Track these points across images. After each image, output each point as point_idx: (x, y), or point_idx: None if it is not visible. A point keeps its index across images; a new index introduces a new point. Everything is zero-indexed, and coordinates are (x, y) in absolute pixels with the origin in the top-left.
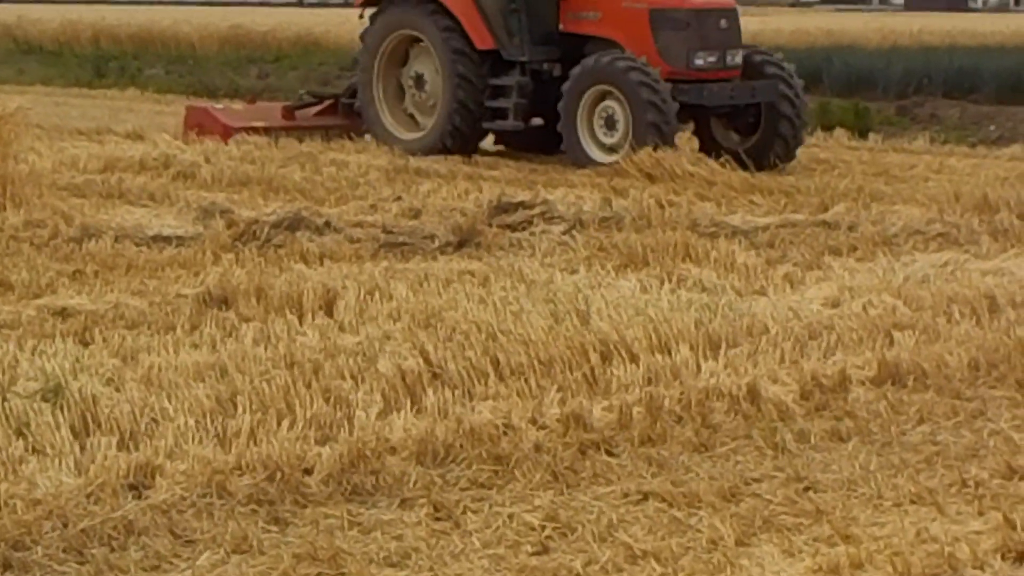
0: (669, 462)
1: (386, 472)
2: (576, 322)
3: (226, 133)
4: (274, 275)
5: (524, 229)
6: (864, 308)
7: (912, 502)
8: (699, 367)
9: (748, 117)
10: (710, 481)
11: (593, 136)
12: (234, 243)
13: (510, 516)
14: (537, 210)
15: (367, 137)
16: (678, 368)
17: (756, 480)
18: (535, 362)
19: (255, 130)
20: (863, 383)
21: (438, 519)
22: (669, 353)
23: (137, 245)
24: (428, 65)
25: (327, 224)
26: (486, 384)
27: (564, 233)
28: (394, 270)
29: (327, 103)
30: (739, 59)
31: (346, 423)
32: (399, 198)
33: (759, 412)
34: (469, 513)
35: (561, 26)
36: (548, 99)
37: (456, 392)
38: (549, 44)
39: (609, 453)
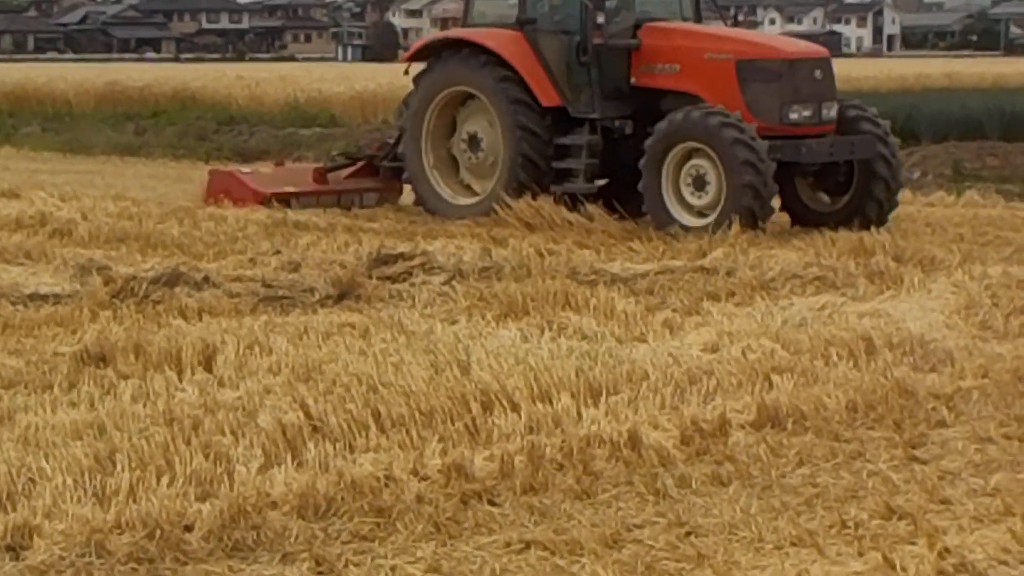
0: (551, 510)
1: (267, 527)
2: (457, 372)
3: (256, 200)
4: (152, 331)
5: (404, 280)
6: (743, 352)
7: (793, 544)
8: (580, 415)
9: (838, 176)
10: (592, 528)
11: (679, 197)
12: (112, 300)
13: (392, 568)
14: (417, 261)
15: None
16: (559, 416)
17: (638, 526)
18: (416, 413)
19: (287, 195)
20: (743, 427)
21: (320, 573)
22: (550, 401)
23: (13, 304)
24: (483, 123)
25: (206, 279)
26: (367, 436)
27: (444, 284)
28: (274, 324)
29: (359, 164)
30: (834, 112)
31: (226, 478)
32: (278, 252)
33: (640, 458)
34: (351, 566)
35: (633, 80)
36: (618, 159)
37: (337, 445)
38: (620, 100)
39: (491, 503)
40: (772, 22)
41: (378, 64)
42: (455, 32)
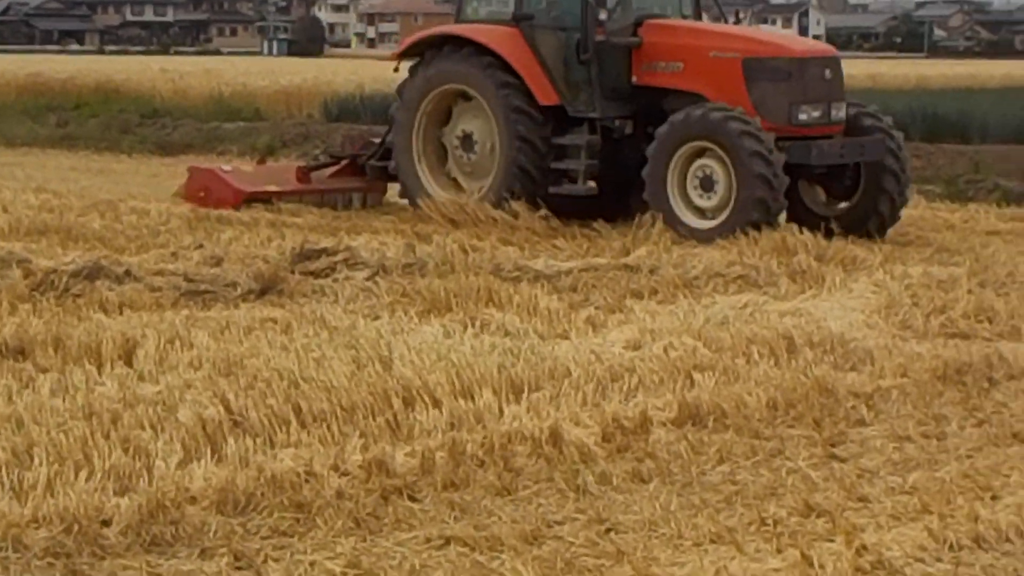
0: (471, 506)
1: (186, 522)
2: (379, 368)
3: (237, 199)
4: (72, 325)
5: (327, 276)
6: (665, 350)
7: (712, 541)
8: (502, 411)
9: (844, 179)
10: (512, 524)
11: (686, 198)
12: (31, 293)
13: (312, 564)
14: (340, 256)
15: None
16: (481, 412)
17: (558, 523)
18: (337, 409)
19: (269, 195)
20: (664, 424)
21: (239, 568)
22: (472, 398)
23: None
24: (478, 124)
25: (127, 273)
26: (288, 432)
27: (367, 279)
28: (195, 318)
29: (343, 163)
30: (843, 113)
31: (145, 473)
32: (201, 246)
33: (561, 455)
34: (270, 561)
35: (634, 79)
36: (617, 159)
37: (257, 440)
38: (620, 99)
39: (412, 498)
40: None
41: (303, 59)
42: (450, 28)
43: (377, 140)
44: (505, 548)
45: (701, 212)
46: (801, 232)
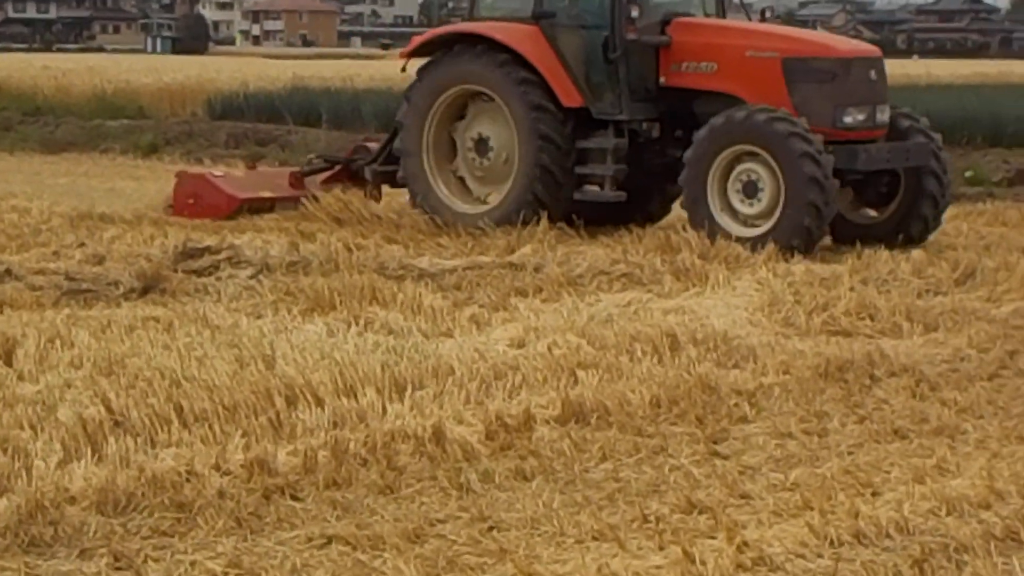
0: (354, 505)
1: (65, 522)
2: (261, 367)
3: (231, 206)
4: None
5: (210, 274)
6: (549, 348)
7: (594, 538)
8: (385, 409)
9: (880, 187)
10: (395, 523)
11: (727, 204)
12: None
13: (192, 564)
14: (223, 255)
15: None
16: (364, 411)
17: (441, 521)
18: (219, 408)
19: (263, 201)
20: (547, 422)
21: (118, 568)
22: (355, 396)
23: None
24: (494, 126)
25: (7, 272)
26: (169, 431)
27: (251, 278)
28: (76, 317)
29: (337, 168)
30: (887, 116)
31: (24, 473)
32: (83, 244)
33: (444, 453)
34: (150, 562)
35: (662, 80)
36: (641, 164)
37: (138, 440)
38: (647, 100)
39: (294, 497)
40: None
41: (187, 56)
42: (463, 26)
43: (372, 145)
44: (387, 547)
45: (744, 219)
46: (684, 230)
